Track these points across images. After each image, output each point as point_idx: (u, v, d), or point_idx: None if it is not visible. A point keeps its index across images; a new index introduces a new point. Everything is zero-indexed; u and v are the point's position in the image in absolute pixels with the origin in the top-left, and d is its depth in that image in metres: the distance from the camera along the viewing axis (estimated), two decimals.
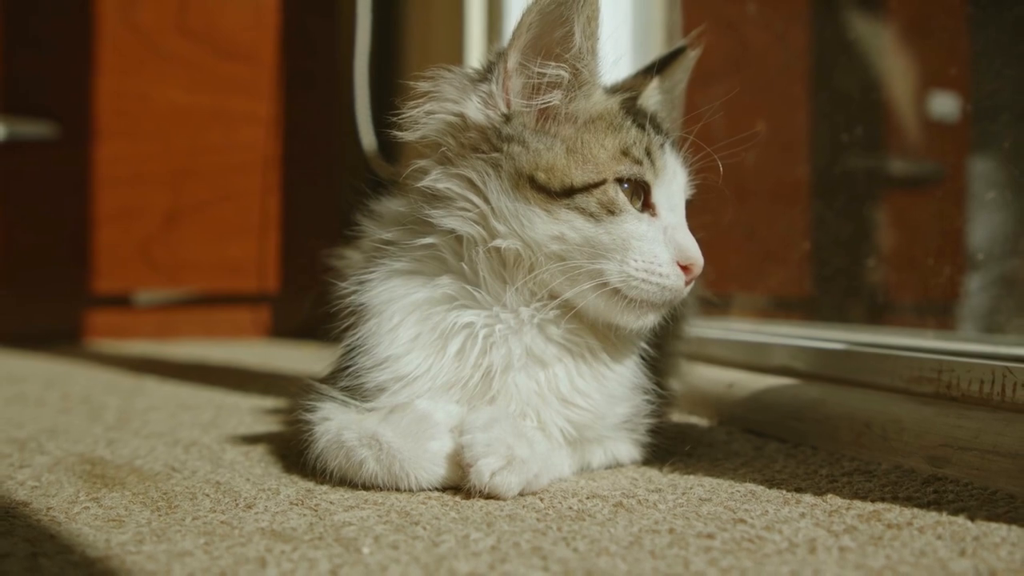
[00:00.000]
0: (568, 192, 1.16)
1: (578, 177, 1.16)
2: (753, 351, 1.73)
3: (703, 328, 1.70)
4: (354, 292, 1.24)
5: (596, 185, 1.16)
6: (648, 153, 1.18)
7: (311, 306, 1.35)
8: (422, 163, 1.22)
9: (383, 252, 1.25)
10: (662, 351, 1.36)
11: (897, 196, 2.42)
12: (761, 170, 2.30)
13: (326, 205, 3.31)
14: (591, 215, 1.15)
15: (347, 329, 1.24)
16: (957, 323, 2.00)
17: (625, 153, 1.17)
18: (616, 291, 1.16)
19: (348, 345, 1.24)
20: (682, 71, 1.38)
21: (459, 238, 1.20)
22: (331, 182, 3.35)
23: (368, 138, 2.70)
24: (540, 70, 1.17)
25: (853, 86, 2.36)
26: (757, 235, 2.36)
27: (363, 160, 2.71)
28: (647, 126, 1.21)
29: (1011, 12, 1.85)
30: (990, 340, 1.79)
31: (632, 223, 1.16)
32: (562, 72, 1.17)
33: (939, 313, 2.06)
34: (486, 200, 1.18)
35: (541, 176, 1.16)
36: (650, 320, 1.19)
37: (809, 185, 2.44)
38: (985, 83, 1.97)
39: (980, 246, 1.97)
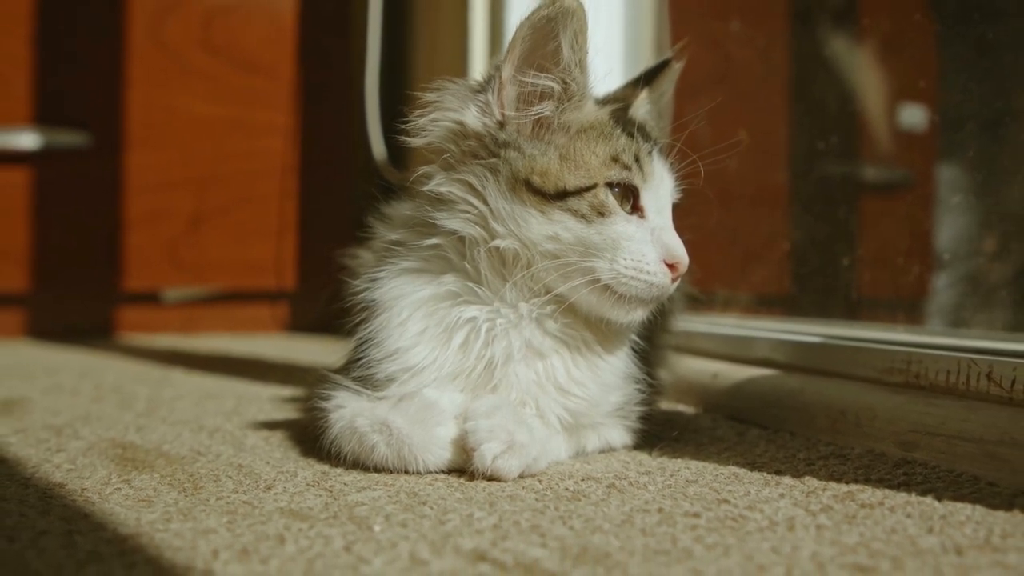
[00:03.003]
0: (561, 195, 1.15)
1: (571, 181, 1.15)
2: (736, 344, 1.72)
3: (690, 322, 1.70)
4: (365, 289, 1.24)
5: (587, 189, 1.15)
6: (637, 159, 1.18)
7: (326, 302, 1.35)
8: (427, 169, 1.22)
9: (392, 252, 1.25)
10: (652, 343, 1.36)
11: (870, 200, 2.41)
12: (743, 176, 2.30)
13: (340, 209, 3.31)
14: (583, 216, 1.15)
15: (359, 323, 1.24)
16: (925, 318, 2.00)
17: (615, 159, 1.17)
18: (607, 287, 1.16)
19: (360, 338, 1.24)
20: (668, 82, 1.38)
21: (462, 238, 1.20)
22: (344, 187, 3.35)
23: (378, 146, 2.70)
24: (532, 81, 1.16)
25: (829, 98, 2.36)
26: (740, 237, 2.35)
27: (374, 166, 2.71)
28: (636, 134, 1.21)
29: (975, 30, 1.85)
30: (955, 334, 1.79)
31: (621, 224, 1.16)
32: (552, 83, 1.17)
33: (909, 309, 2.05)
34: (485, 202, 1.18)
35: (536, 180, 1.16)
36: (638, 315, 1.19)
37: (788, 190, 2.44)
38: (951, 96, 1.97)
39: (946, 247, 1.96)
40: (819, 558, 0.83)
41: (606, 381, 1.24)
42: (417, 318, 1.20)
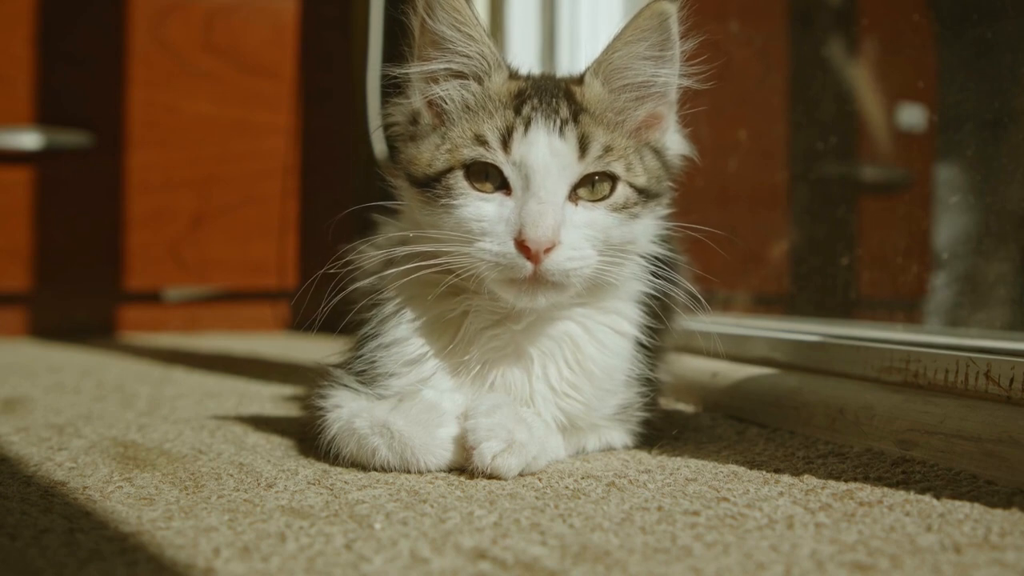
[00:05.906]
0: (428, 182, 1.15)
1: (435, 167, 1.15)
2: (736, 343, 1.72)
3: (690, 321, 1.70)
4: (365, 285, 1.24)
5: (446, 172, 1.14)
6: (507, 133, 1.11)
7: (327, 301, 1.35)
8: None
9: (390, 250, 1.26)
10: (656, 345, 1.35)
11: (869, 200, 2.41)
12: (743, 176, 2.30)
13: (341, 208, 3.31)
14: (440, 201, 1.13)
15: (360, 319, 1.25)
16: (924, 317, 2.00)
17: (477, 138, 1.13)
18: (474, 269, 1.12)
19: (360, 333, 1.24)
20: (659, 29, 1.17)
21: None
22: (345, 187, 3.35)
23: (380, 146, 2.69)
24: (431, 66, 1.16)
25: (828, 98, 2.36)
26: (739, 236, 2.35)
27: (375, 166, 2.71)
28: (525, 106, 1.13)
29: (974, 31, 1.84)
30: (954, 333, 1.78)
31: (472, 206, 1.11)
32: (450, 64, 1.16)
33: (907, 308, 2.05)
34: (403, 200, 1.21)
35: (411, 170, 1.17)
36: (525, 299, 1.11)
37: (787, 190, 2.44)
38: (950, 96, 1.97)
39: (945, 246, 1.96)
40: (818, 556, 0.83)
41: (602, 385, 1.22)
42: (412, 313, 1.21)
